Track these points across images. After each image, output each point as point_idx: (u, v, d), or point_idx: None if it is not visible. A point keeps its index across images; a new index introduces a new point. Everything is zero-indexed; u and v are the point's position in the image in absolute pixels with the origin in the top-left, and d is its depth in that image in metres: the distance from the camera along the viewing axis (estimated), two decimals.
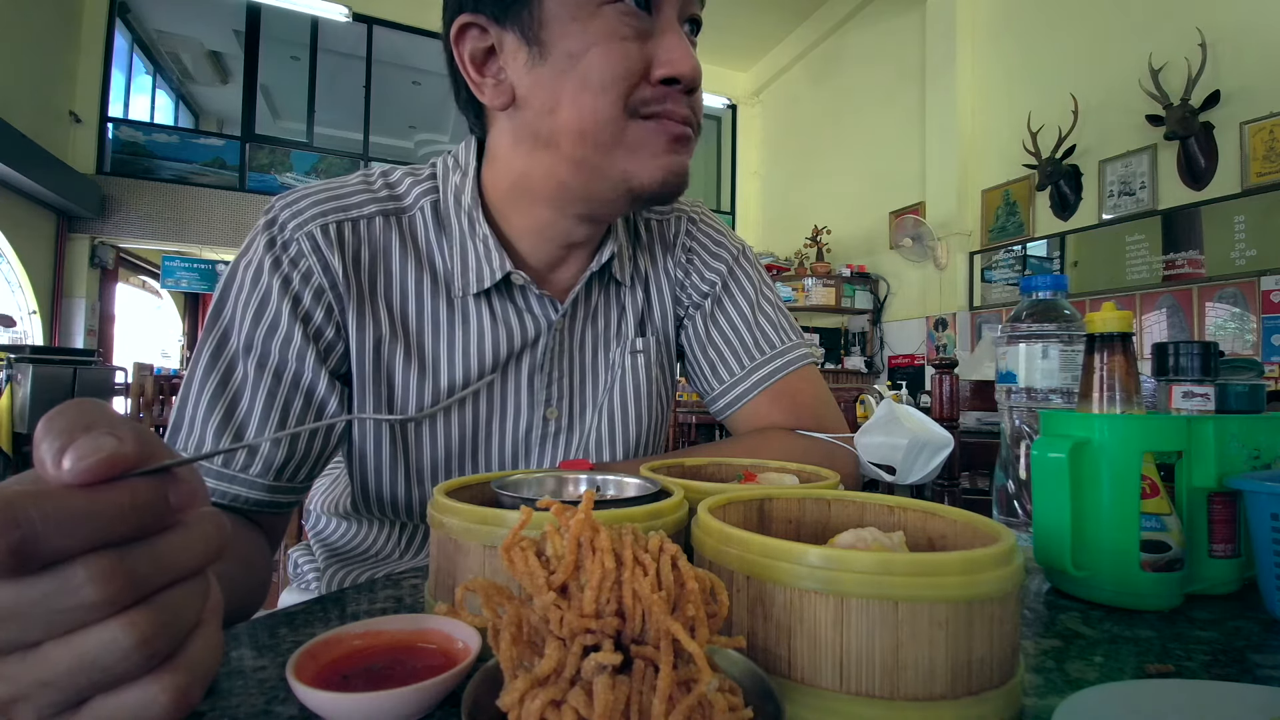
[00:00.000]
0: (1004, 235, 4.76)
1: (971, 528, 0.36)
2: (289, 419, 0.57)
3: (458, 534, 0.37)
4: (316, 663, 0.31)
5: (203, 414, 0.55)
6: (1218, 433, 0.51)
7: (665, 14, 0.56)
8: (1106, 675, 0.37)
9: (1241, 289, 3.51)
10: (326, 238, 0.59)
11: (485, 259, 0.63)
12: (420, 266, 0.63)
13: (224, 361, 0.57)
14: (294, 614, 0.43)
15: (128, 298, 8.41)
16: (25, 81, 5.24)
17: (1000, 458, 0.69)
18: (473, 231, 0.63)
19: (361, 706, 0.28)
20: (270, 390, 0.57)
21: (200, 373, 0.56)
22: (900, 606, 0.28)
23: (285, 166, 6.65)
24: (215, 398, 0.55)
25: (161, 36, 7.46)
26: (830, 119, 6.51)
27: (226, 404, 0.56)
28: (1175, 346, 0.60)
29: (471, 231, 0.63)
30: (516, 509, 0.38)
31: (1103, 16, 4.17)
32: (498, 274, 0.63)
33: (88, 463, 0.21)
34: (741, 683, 0.27)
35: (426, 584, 0.42)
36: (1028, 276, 0.71)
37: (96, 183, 5.96)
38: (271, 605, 0.98)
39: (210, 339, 0.57)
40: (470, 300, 0.64)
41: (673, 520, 0.38)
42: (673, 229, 0.78)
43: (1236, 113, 3.47)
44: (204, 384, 0.56)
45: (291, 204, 0.60)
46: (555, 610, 0.26)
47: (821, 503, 0.43)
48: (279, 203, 0.61)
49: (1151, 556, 0.48)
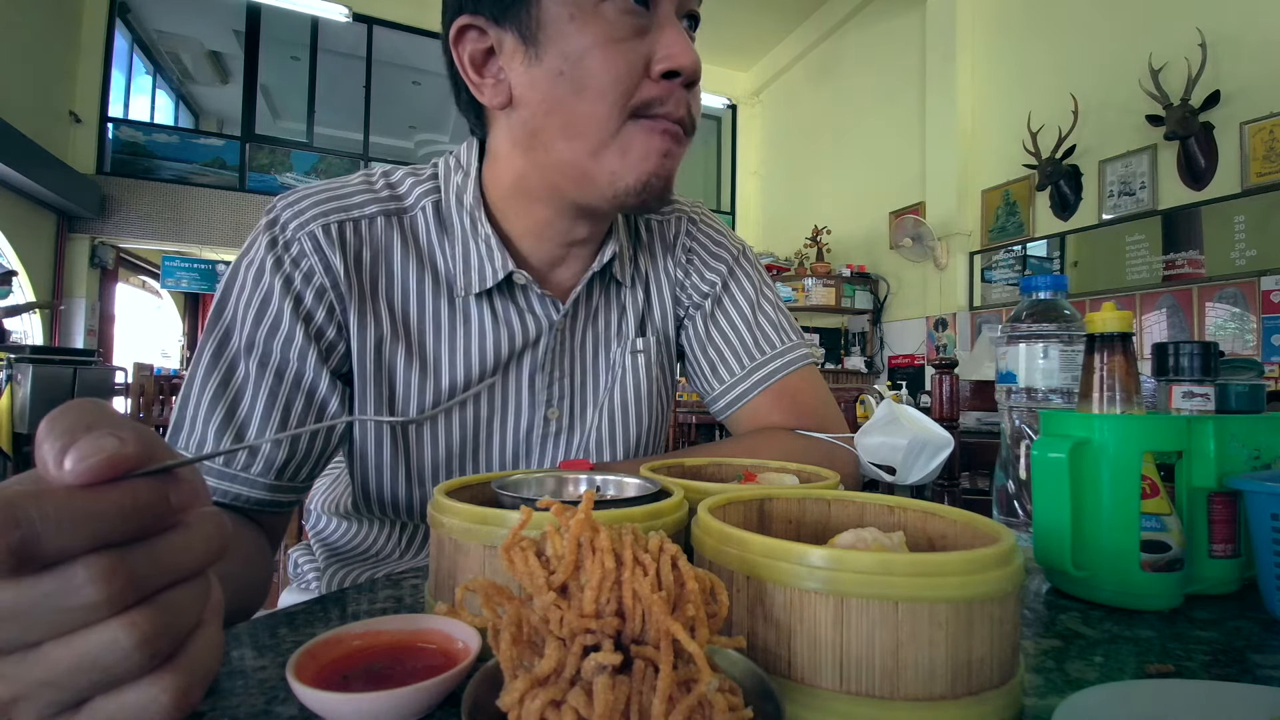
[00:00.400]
0: (1004, 235, 4.76)
1: (971, 528, 0.36)
2: (290, 419, 0.57)
3: (457, 534, 0.37)
4: (316, 663, 0.31)
5: (204, 413, 0.55)
6: (1218, 433, 0.51)
7: (663, 8, 0.56)
8: (1106, 675, 0.37)
9: (1241, 289, 3.51)
10: (328, 237, 0.59)
11: (487, 259, 0.63)
12: (422, 266, 0.63)
13: (225, 361, 0.57)
14: (294, 614, 0.43)
15: (128, 298, 8.41)
16: (25, 81, 5.24)
17: (1000, 458, 0.69)
18: (474, 231, 0.63)
19: (362, 707, 0.28)
20: (271, 390, 0.57)
21: (201, 372, 0.56)
22: (900, 606, 0.28)
23: (285, 167, 6.65)
24: (217, 397, 0.55)
25: (161, 37, 7.46)
26: (830, 119, 6.50)
27: (228, 403, 0.56)
28: (1175, 346, 0.60)
29: (473, 231, 0.64)
30: (516, 509, 0.38)
31: (1103, 16, 4.17)
32: (500, 274, 0.63)
33: (89, 463, 0.21)
34: (741, 683, 0.27)
35: (426, 584, 0.42)
36: (1028, 276, 0.71)
37: (96, 183, 5.96)
38: (272, 605, 0.98)
39: (211, 339, 0.57)
40: (472, 300, 0.64)
41: (672, 520, 0.38)
42: (673, 229, 0.78)
43: (1236, 113, 3.47)
44: (205, 383, 0.56)
45: (293, 204, 0.60)
46: (555, 610, 0.26)
47: (821, 503, 0.43)
48: (280, 203, 0.61)
49: (1151, 556, 0.48)
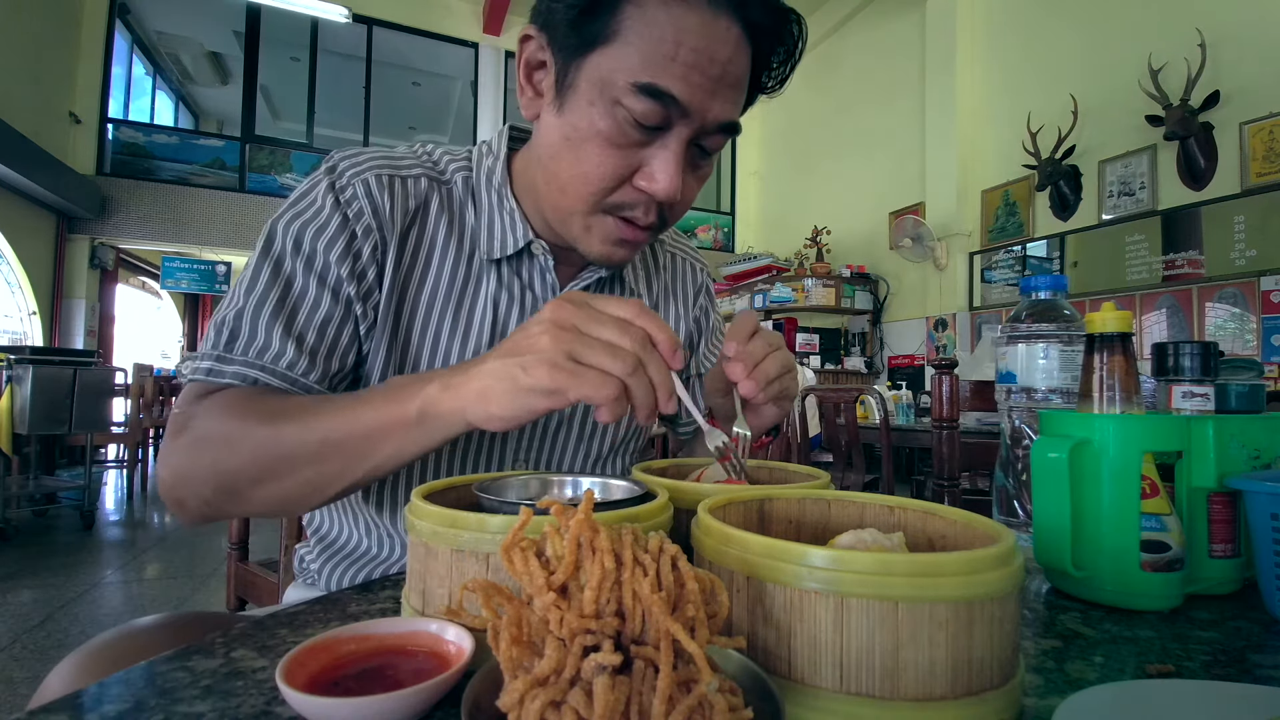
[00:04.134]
0: (1004, 235, 4.77)
1: (971, 528, 0.36)
2: (341, 338, 0.61)
3: (427, 537, 0.37)
4: (307, 668, 0.31)
5: (266, 321, 0.57)
6: (1218, 433, 0.51)
7: (673, 133, 0.55)
8: (1106, 675, 0.37)
9: (1241, 289, 3.51)
10: (380, 184, 0.63)
11: (510, 229, 0.66)
12: (450, 227, 0.67)
13: (284, 276, 0.59)
14: (294, 614, 0.43)
15: (127, 298, 8.42)
16: (25, 82, 5.25)
17: (1000, 458, 0.69)
18: (500, 206, 0.67)
19: (359, 711, 0.28)
20: (329, 306, 0.60)
21: (261, 286, 0.58)
22: (900, 607, 0.28)
23: (285, 167, 6.64)
24: (278, 308, 0.58)
25: (161, 37, 7.47)
26: (830, 119, 6.51)
27: (288, 312, 0.58)
28: (1175, 346, 0.60)
29: (499, 206, 0.67)
30: (497, 512, 0.38)
31: (1103, 16, 4.17)
32: (520, 242, 0.66)
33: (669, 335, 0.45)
34: (741, 683, 0.27)
35: (404, 589, 0.41)
36: (1027, 277, 0.71)
37: (96, 183, 5.96)
38: (275, 602, 0.98)
39: (268, 259, 0.59)
40: (490, 265, 0.67)
41: (651, 525, 0.38)
42: (696, 279, 0.86)
43: (1236, 113, 3.48)
44: (265, 295, 0.58)
45: (350, 157, 0.65)
46: (555, 611, 0.26)
47: (821, 503, 0.43)
48: (338, 154, 0.65)
49: (1151, 556, 0.48)
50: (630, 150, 0.56)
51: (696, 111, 0.54)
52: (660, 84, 0.52)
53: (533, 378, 0.43)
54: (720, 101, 0.55)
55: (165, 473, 0.55)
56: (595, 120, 0.55)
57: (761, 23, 0.55)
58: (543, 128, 0.60)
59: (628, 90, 0.52)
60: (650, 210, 0.59)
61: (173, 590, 2.68)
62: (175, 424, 0.55)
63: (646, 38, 0.51)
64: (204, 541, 3.39)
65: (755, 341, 0.58)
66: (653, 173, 0.56)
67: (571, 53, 0.55)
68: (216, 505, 0.55)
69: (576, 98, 0.55)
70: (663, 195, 0.57)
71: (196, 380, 0.57)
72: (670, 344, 0.45)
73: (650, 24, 0.51)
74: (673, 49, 0.51)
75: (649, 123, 0.54)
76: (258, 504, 0.55)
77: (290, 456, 0.51)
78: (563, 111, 0.57)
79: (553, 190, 0.61)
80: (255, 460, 0.52)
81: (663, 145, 0.56)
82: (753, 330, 0.59)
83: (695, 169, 0.60)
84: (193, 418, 0.55)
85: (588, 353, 0.43)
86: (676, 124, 0.55)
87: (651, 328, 0.45)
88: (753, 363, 0.56)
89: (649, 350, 0.44)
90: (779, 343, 0.60)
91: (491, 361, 0.46)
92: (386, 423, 0.50)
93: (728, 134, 0.58)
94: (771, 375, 0.57)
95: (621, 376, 0.43)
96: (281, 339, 0.57)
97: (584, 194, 0.58)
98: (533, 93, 0.60)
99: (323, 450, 0.51)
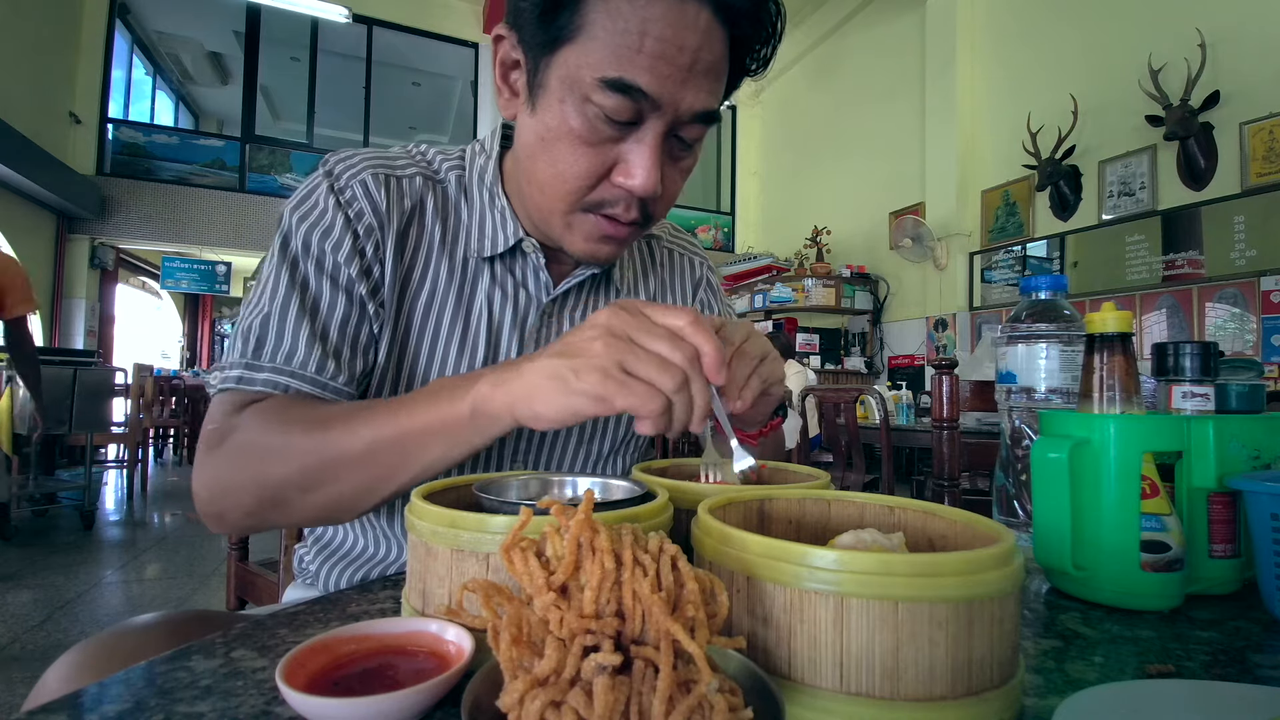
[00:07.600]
0: (1004, 236, 4.77)
1: (971, 528, 0.36)
2: (359, 337, 0.62)
3: (427, 537, 0.37)
4: (306, 669, 0.31)
5: (291, 326, 0.58)
6: (1218, 433, 0.51)
7: (648, 128, 0.54)
8: (1106, 675, 0.37)
9: (1241, 289, 3.51)
10: (376, 183, 0.64)
11: (500, 227, 0.67)
12: (444, 225, 0.67)
13: (299, 279, 0.60)
14: (295, 614, 0.43)
15: (127, 298, 8.42)
16: (25, 82, 5.25)
17: (1000, 458, 0.69)
18: (492, 204, 0.67)
19: (359, 711, 0.28)
20: (345, 307, 0.61)
21: (283, 292, 0.59)
22: (900, 607, 0.28)
23: (285, 167, 6.65)
24: (301, 312, 0.59)
25: (161, 37, 7.47)
26: (830, 119, 6.51)
27: (309, 316, 0.59)
28: (1175, 347, 0.60)
29: (490, 204, 0.67)
30: (497, 512, 0.38)
31: (1103, 16, 4.17)
32: (510, 240, 0.66)
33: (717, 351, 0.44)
34: (741, 683, 0.27)
35: (404, 589, 0.41)
36: (1027, 277, 0.71)
37: (96, 183, 5.97)
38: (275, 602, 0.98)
39: (283, 266, 0.60)
40: (482, 264, 0.68)
41: (651, 525, 0.38)
42: (694, 274, 0.84)
43: (1236, 113, 3.48)
44: (288, 300, 0.59)
45: (345, 159, 0.66)
46: (555, 611, 0.26)
47: (821, 503, 0.43)
48: (334, 158, 0.66)
49: (1151, 557, 0.48)
50: (605, 147, 0.55)
51: (668, 103, 0.52)
52: (627, 77, 0.51)
53: (584, 383, 0.43)
54: (693, 91, 0.53)
55: (202, 487, 0.55)
56: (567, 118, 0.54)
57: (733, 4, 0.52)
58: (520, 128, 0.60)
59: (596, 86, 0.51)
60: (631, 206, 0.58)
61: (173, 590, 2.68)
62: (212, 438, 0.55)
63: (611, 31, 0.50)
64: (204, 541, 3.39)
65: None
66: (630, 168, 0.55)
67: (540, 50, 0.54)
68: (260, 515, 0.55)
69: (548, 96, 0.55)
70: (641, 191, 0.56)
71: (227, 389, 0.57)
72: (716, 362, 0.44)
73: (614, 16, 0.50)
74: (638, 40, 0.50)
75: (620, 118, 0.53)
76: (307, 511, 0.54)
77: (339, 461, 0.51)
78: (536, 111, 0.56)
79: (533, 190, 0.61)
80: (303, 468, 0.52)
81: (638, 140, 0.55)
82: None
83: (676, 161, 0.59)
84: (231, 430, 0.55)
85: (639, 365, 0.43)
86: (649, 117, 0.53)
87: (700, 341, 0.44)
88: None
89: (695, 368, 0.44)
90: (743, 337, 0.55)
91: (543, 359, 0.45)
92: (438, 421, 0.50)
93: (706, 123, 0.56)
94: (741, 380, 0.52)
95: (668, 393, 0.43)
96: (308, 343, 0.58)
97: (562, 193, 0.58)
98: (509, 93, 0.60)
99: (372, 452, 0.51)
